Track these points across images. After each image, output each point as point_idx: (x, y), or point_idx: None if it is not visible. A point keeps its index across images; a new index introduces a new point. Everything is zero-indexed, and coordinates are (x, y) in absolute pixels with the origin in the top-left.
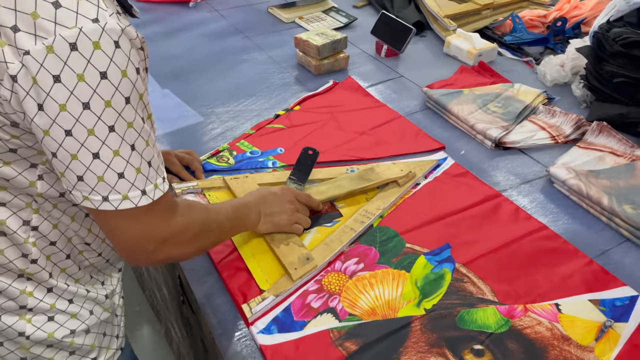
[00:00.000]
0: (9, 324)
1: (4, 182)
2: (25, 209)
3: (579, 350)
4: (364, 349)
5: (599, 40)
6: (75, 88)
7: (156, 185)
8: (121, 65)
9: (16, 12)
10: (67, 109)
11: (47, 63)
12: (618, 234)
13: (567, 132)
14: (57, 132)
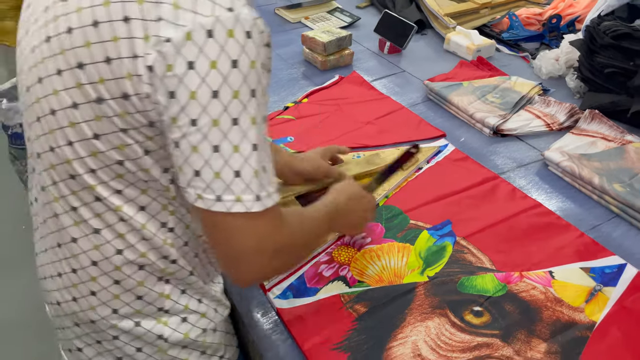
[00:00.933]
0: (148, 328)
1: (144, 184)
2: (162, 211)
3: (570, 310)
4: (373, 310)
5: (590, 33)
6: (207, 75)
7: (269, 193)
8: (251, 56)
9: (159, 4)
10: (196, 96)
11: (185, 50)
12: (608, 211)
13: (561, 120)
14: (184, 119)
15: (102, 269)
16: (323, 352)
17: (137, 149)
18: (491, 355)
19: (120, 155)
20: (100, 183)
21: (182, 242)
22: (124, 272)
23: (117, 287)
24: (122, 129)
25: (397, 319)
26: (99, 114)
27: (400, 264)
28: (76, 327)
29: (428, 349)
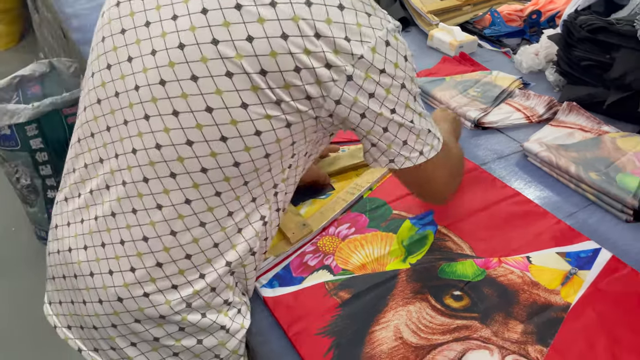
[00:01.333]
0: (213, 319)
1: (266, 175)
2: (264, 204)
3: (546, 293)
4: (356, 296)
5: (567, 28)
6: (395, 74)
7: (438, 137)
8: (407, 47)
9: (345, 25)
10: (390, 92)
11: (375, 60)
12: (584, 198)
13: (540, 112)
14: (386, 111)
15: (194, 262)
16: (308, 337)
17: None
18: (470, 336)
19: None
20: (236, 176)
21: (265, 236)
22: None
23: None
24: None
25: (379, 305)
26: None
27: (383, 252)
28: (136, 323)
29: (409, 331)
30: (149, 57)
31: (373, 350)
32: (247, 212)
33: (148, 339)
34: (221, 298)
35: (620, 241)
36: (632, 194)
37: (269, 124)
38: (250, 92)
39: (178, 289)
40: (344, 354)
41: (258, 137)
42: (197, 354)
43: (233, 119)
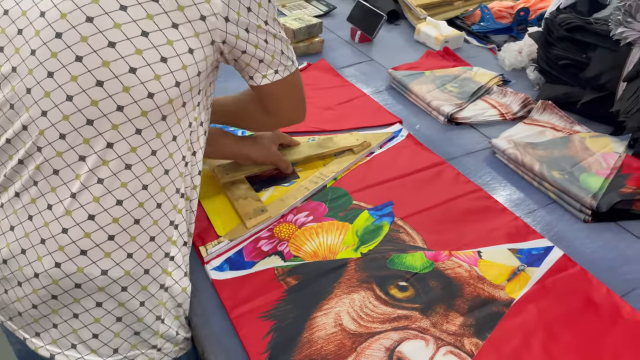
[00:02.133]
0: (154, 276)
1: (181, 112)
2: (184, 145)
3: (491, 287)
4: (303, 283)
5: (547, 26)
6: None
7: (292, 62)
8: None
9: None
10: (262, 5)
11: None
12: (546, 197)
13: (515, 110)
14: (262, 23)
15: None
16: (250, 320)
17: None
18: (408, 326)
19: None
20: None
21: (196, 173)
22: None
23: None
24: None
25: (325, 292)
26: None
27: (336, 240)
28: (77, 289)
29: (349, 319)
30: (39, 20)
31: (311, 336)
32: (169, 152)
33: (90, 307)
34: (162, 250)
35: (576, 241)
36: (592, 194)
37: (172, 50)
38: (146, 20)
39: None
40: (282, 338)
41: (165, 64)
42: (140, 318)
43: (137, 49)
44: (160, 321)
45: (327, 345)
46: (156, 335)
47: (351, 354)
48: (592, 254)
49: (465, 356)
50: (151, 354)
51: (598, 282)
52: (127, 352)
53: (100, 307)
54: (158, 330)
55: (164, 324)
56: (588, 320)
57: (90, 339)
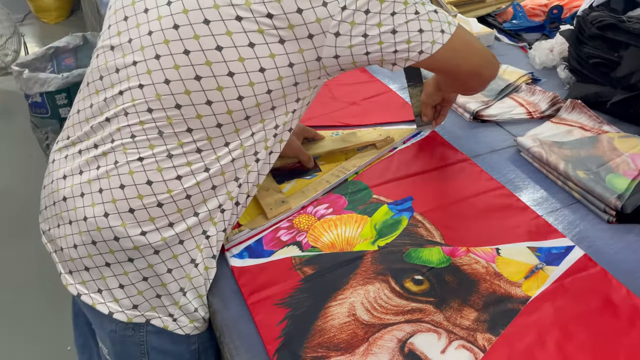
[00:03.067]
0: (187, 248)
1: (269, 113)
2: (261, 142)
3: (507, 284)
4: (319, 272)
5: (579, 24)
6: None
7: (449, 22)
8: None
9: None
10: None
11: None
12: (570, 196)
13: (543, 109)
14: (385, 17)
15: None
16: (266, 306)
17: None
18: (422, 319)
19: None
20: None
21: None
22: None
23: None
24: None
25: (340, 282)
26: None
27: (354, 233)
28: (114, 241)
29: (363, 309)
30: (165, 7)
31: (325, 324)
32: (244, 145)
33: (122, 260)
34: (202, 227)
35: (599, 241)
36: (617, 195)
37: (273, 62)
38: (256, 33)
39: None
40: (296, 325)
41: (262, 74)
42: (164, 284)
43: (241, 56)
44: (182, 293)
45: (340, 334)
46: (175, 305)
47: (363, 343)
48: (615, 255)
49: (478, 351)
50: (166, 320)
51: (618, 283)
52: (146, 311)
53: (131, 263)
54: (178, 301)
55: (184, 297)
56: (605, 321)
57: (115, 288)
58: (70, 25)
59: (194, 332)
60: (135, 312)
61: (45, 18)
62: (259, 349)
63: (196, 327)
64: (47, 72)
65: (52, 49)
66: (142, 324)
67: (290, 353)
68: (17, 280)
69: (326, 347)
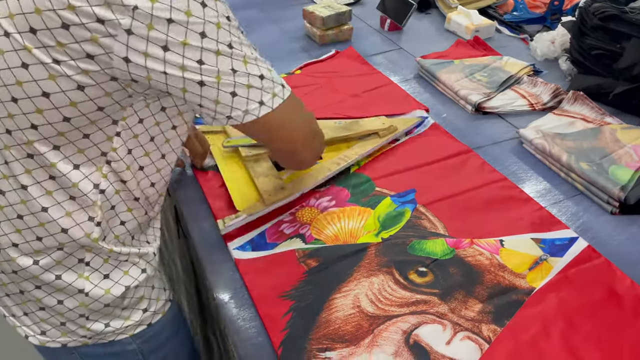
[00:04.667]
0: (69, 282)
1: (84, 143)
2: (96, 172)
3: (512, 276)
4: (323, 264)
5: (581, 15)
6: (188, 22)
7: (283, 84)
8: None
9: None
10: (189, 42)
11: (156, 10)
12: (573, 188)
13: (545, 100)
14: (191, 65)
15: (27, 223)
16: (270, 299)
17: (88, 106)
18: (426, 311)
19: (67, 113)
20: (39, 139)
21: (109, 205)
22: (47, 229)
23: (39, 242)
24: (78, 87)
25: (344, 274)
26: (54, 74)
27: (357, 225)
28: (1, 274)
29: (368, 301)
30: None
31: (330, 316)
32: (73, 180)
33: (14, 292)
34: (75, 257)
35: (602, 232)
36: (621, 186)
37: (56, 86)
38: (25, 51)
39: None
40: (300, 317)
41: (47, 99)
42: (62, 313)
43: (18, 80)
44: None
45: (345, 326)
46: (83, 328)
47: (368, 335)
48: (618, 246)
49: (483, 342)
50: (82, 340)
51: (622, 274)
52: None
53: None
54: (84, 325)
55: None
56: (610, 312)
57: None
58: None
59: (118, 337)
60: (46, 338)
61: None
62: (263, 341)
63: (117, 333)
64: None
65: None
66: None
67: (296, 345)
68: None
69: (331, 339)
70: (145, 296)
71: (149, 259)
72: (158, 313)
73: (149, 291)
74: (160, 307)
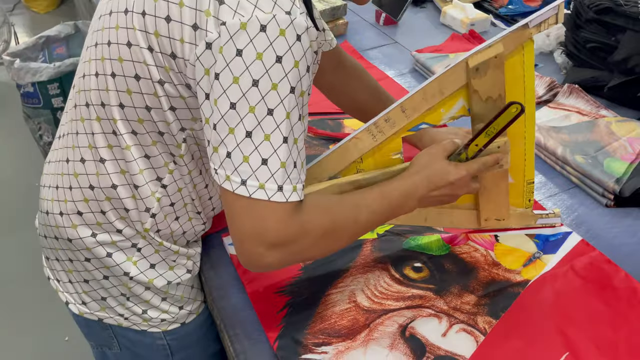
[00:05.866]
0: (117, 262)
1: (158, 137)
2: (163, 167)
3: (506, 272)
4: (319, 261)
5: (577, 8)
6: (251, 64)
7: (295, 188)
8: (297, 56)
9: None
10: (238, 82)
11: (236, 37)
12: (568, 181)
13: (540, 94)
14: (224, 102)
15: (95, 195)
16: (266, 295)
17: (164, 102)
18: (422, 305)
19: (149, 102)
20: (122, 119)
21: (169, 202)
22: (113, 204)
23: (102, 215)
24: (160, 81)
25: (340, 270)
26: (146, 60)
27: None
28: (55, 240)
29: (363, 296)
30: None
31: (325, 311)
32: (141, 166)
33: (64, 259)
34: (130, 241)
35: (597, 225)
36: (615, 179)
37: (147, 72)
38: (132, 31)
39: (82, 216)
40: (296, 313)
41: (137, 82)
42: (106, 288)
43: (120, 56)
44: (126, 298)
45: (341, 321)
46: (122, 306)
47: (364, 329)
48: (613, 238)
49: (478, 334)
50: (119, 319)
51: (616, 267)
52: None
53: (88, 262)
54: (124, 304)
55: (129, 301)
56: (605, 303)
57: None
58: (61, 15)
59: (151, 329)
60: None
61: (35, 7)
62: (259, 336)
63: (152, 325)
64: (39, 61)
65: (43, 38)
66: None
67: (292, 339)
68: (14, 271)
69: (327, 334)
70: (184, 294)
71: (196, 260)
72: (193, 313)
73: (189, 290)
74: (195, 307)
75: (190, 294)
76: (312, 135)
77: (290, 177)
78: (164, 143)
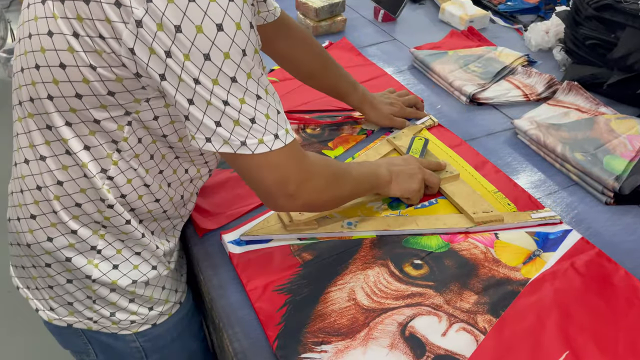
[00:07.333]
0: (78, 265)
1: (94, 126)
2: (106, 158)
3: (506, 269)
4: (318, 258)
5: (576, 4)
6: (195, 39)
7: (287, 130)
8: (235, 18)
9: None
10: (190, 59)
11: (169, 12)
12: (568, 178)
13: (539, 91)
14: (187, 79)
15: (44, 195)
16: (265, 293)
17: (100, 87)
18: (422, 303)
19: (79, 90)
20: (55, 112)
21: (119, 193)
22: (63, 203)
23: (55, 215)
24: (91, 65)
25: (340, 268)
26: (72, 47)
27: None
28: (18, 246)
29: (363, 294)
30: None
31: (325, 309)
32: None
33: (28, 265)
34: (87, 244)
35: (596, 223)
36: (615, 177)
37: (72, 59)
38: (52, 19)
39: (36, 219)
40: (296, 311)
41: (63, 71)
42: (70, 292)
43: (42, 47)
44: (92, 301)
45: (340, 319)
46: (89, 310)
47: (364, 328)
48: (612, 236)
49: (478, 333)
50: (88, 323)
51: (616, 264)
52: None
53: (48, 268)
54: (91, 307)
55: (95, 304)
56: (605, 301)
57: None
58: None
59: (122, 332)
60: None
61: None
62: (259, 335)
63: (122, 327)
64: None
65: None
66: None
67: (291, 338)
68: None
69: (327, 332)
70: (154, 295)
71: (159, 255)
72: (164, 314)
73: (159, 291)
74: (167, 308)
75: (162, 295)
76: (310, 132)
77: (279, 122)
78: (103, 131)
